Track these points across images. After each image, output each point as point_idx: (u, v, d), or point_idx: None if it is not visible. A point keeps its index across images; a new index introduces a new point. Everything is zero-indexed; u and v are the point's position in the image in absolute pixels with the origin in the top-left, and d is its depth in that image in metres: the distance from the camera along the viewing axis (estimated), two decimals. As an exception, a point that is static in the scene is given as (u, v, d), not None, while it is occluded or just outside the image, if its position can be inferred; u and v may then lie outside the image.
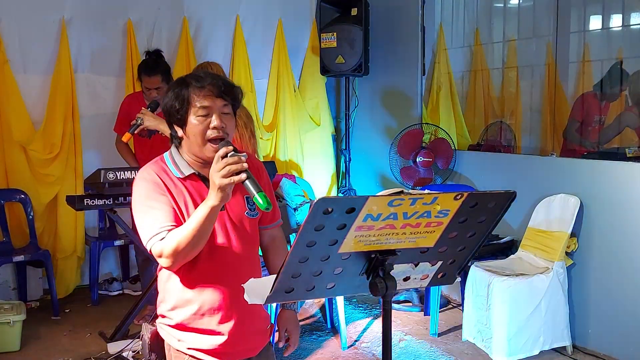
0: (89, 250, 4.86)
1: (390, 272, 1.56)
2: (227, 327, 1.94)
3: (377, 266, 1.55)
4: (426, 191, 1.51)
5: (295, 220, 4.60)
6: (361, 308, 4.65)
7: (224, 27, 5.37)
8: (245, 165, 1.70)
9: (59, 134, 4.68)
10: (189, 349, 1.95)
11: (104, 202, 3.60)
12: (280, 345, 2.09)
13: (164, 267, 1.88)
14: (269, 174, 3.60)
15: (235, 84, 1.96)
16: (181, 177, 1.90)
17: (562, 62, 5.37)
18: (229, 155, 1.71)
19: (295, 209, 4.69)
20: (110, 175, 3.43)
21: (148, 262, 4.09)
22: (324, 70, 5.47)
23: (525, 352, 3.63)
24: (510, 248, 4.23)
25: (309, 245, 1.45)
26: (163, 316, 2.00)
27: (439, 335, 4.14)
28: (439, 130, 4.98)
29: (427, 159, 4.82)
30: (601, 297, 3.79)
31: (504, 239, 4.26)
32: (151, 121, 3.28)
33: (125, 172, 3.47)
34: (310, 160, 5.89)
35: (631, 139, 4.87)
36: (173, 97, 1.88)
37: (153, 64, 4.15)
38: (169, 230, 1.80)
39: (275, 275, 1.50)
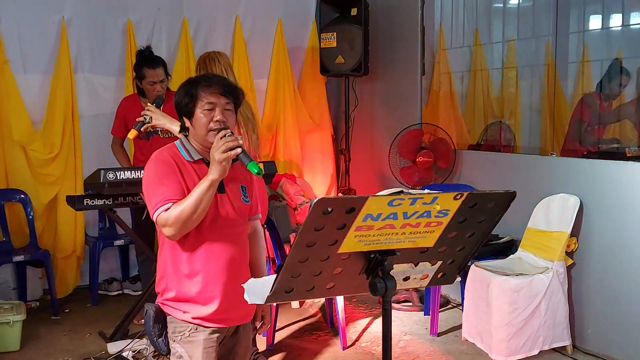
0: (89, 250, 4.86)
1: (390, 272, 1.56)
2: (227, 292, 2.17)
3: (376, 266, 1.56)
4: (426, 191, 1.51)
5: (295, 220, 4.61)
6: (361, 308, 4.65)
7: (223, 27, 5.37)
8: (241, 142, 2.04)
9: (59, 134, 4.68)
10: (194, 318, 2.16)
11: (104, 202, 3.59)
12: (257, 324, 2.42)
13: (167, 236, 2.10)
14: (269, 174, 3.63)
15: (238, 86, 2.27)
16: (191, 160, 2.19)
17: (562, 62, 5.37)
18: (227, 135, 2.05)
19: (295, 209, 4.69)
20: (110, 175, 3.42)
21: (148, 262, 4.09)
22: (324, 70, 5.47)
23: (525, 352, 3.63)
24: (509, 248, 4.23)
25: (309, 245, 1.45)
26: (165, 291, 2.20)
27: (439, 335, 4.14)
28: (438, 130, 4.98)
29: (427, 159, 4.82)
30: (601, 297, 3.79)
31: (504, 238, 4.26)
32: (160, 119, 3.27)
33: (125, 172, 3.46)
34: (310, 160, 5.89)
35: (630, 139, 4.87)
36: (183, 94, 2.19)
37: (154, 57, 4.16)
38: (174, 203, 2.06)
39: (275, 275, 1.51)
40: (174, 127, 3.30)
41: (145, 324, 2.25)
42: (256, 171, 2.02)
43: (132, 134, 3.33)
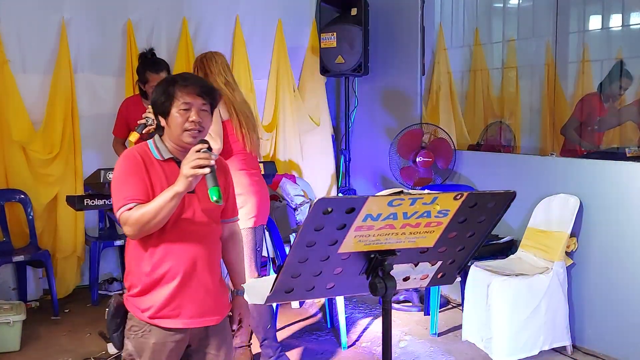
0: (89, 250, 4.86)
1: (390, 272, 1.56)
2: (187, 292, 2.17)
3: (376, 266, 1.56)
4: (426, 191, 1.51)
5: (295, 221, 4.61)
6: (361, 308, 4.65)
7: (223, 28, 5.37)
8: (212, 162, 2.01)
9: (59, 134, 4.68)
10: (151, 318, 2.17)
11: (104, 202, 3.59)
12: (234, 327, 2.38)
13: (127, 235, 2.12)
14: (269, 174, 3.64)
15: (215, 87, 2.28)
16: (161, 159, 2.19)
17: (562, 62, 5.36)
18: (201, 151, 2.01)
19: (295, 209, 4.69)
20: (110, 176, 3.42)
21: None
22: (324, 70, 5.47)
23: (525, 352, 3.62)
24: (510, 248, 4.23)
25: (309, 245, 1.45)
26: (131, 287, 2.21)
27: (439, 335, 4.14)
28: (438, 130, 4.98)
29: (427, 159, 4.82)
30: (601, 297, 3.79)
31: (504, 239, 4.26)
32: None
33: (125, 172, 3.46)
34: (310, 160, 5.89)
35: (631, 139, 4.87)
36: (160, 92, 2.19)
37: (157, 60, 4.16)
38: (138, 203, 2.07)
39: (275, 275, 1.51)
40: None
41: (106, 316, 2.27)
42: (215, 199, 1.98)
43: (133, 136, 3.31)
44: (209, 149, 2.04)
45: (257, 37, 5.54)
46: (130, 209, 2.06)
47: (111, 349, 3.81)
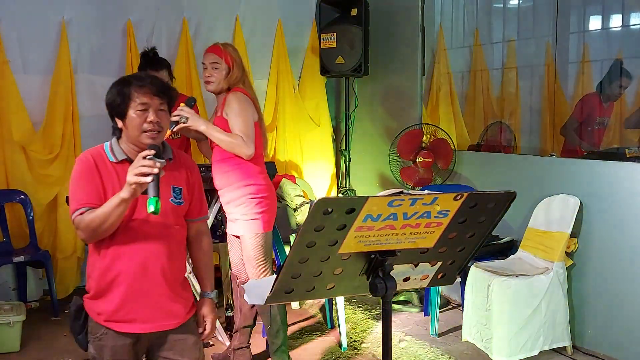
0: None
1: (390, 273, 1.56)
2: (137, 294, 2.16)
3: (376, 266, 1.56)
4: (426, 191, 1.51)
5: (295, 221, 4.60)
6: (361, 308, 4.65)
7: (223, 28, 5.36)
8: (156, 170, 1.96)
9: (59, 135, 4.68)
10: (105, 321, 2.18)
11: (104, 202, 3.58)
12: (200, 330, 2.34)
13: (81, 239, 2.14)
14: (269, 174, 3.65)
15: (172, 86, 2.26)
16: (115, 161, 2.17)
17: (562, 63, 5.37)
18: (147, 157, 1.97)
19: (295, 210, 4.69)
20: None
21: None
22: (324, 71, 5.47)
23: (525, 352, 3.62)
24: (510, 248, 4.23)
25: (309, 245, 1.45)
26: (89, 288, 2.23)
27: (439, 335, 4.14)
28: (438, 130, 4.98)
29: (427, 159, 4.82)
30: (601, 297, 3.79)
31: (504, 239, 4.26)
32: (195, 121, 3.16)
33: (125, 172, 3.45)
34: (310, 161, 5.89)
35: (631, 139, 4.87)
36: (115, 93, 2.18)
37: (158, 59, 4.16)
38: (90, 207, 2.07)
39: (275, 276, 1.51)
40: (211, 130, 3.19)
41: (69, 319, 2.29)
42: (151, 210, 1.94)
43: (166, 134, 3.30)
44: (157, 155, 2.00)
45: (257, 37, 5.54)
46: (82, 213, 2.06)
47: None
